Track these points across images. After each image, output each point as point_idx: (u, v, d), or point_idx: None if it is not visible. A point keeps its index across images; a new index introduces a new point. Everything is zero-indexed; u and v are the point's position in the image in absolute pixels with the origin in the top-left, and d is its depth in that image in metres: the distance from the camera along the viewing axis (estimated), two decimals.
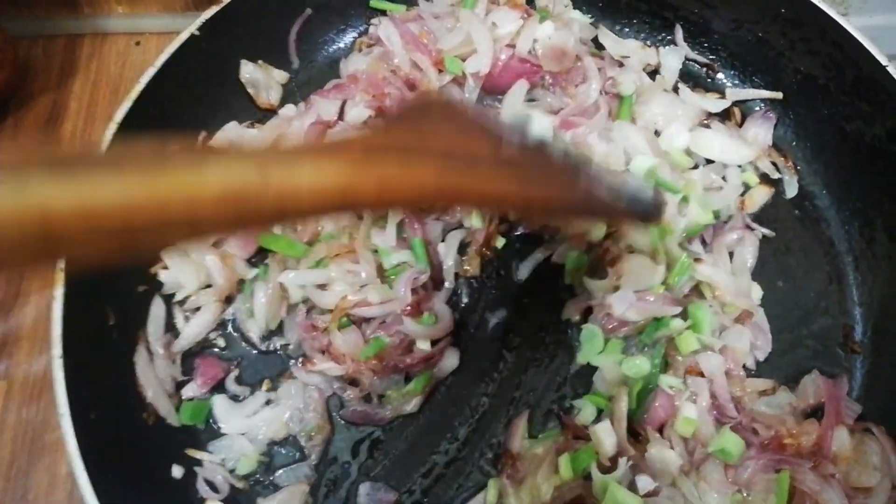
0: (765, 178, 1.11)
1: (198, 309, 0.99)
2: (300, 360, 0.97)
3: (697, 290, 1.00)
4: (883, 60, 0.99)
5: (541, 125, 0.78)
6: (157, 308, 0.97)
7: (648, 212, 0.73)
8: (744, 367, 0.96)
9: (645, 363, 0.92)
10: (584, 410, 0.93)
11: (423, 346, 0.95)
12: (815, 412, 0.93)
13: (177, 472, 0.88)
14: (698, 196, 1.03)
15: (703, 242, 1.04)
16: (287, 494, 0.88)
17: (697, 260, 1.00)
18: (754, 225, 1.06)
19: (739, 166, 1.10)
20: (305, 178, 0.52)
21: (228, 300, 1.01)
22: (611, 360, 0.94)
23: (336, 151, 0.56)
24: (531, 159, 0.65)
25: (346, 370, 0.93)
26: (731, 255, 1.04)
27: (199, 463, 0.90)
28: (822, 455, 0.88)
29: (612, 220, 0.81)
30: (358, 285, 0.97)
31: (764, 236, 1.06)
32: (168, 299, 0.99)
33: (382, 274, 0.98)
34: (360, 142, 0.60)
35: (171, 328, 0.98)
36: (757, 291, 1.02)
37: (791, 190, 1.11)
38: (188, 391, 0.94)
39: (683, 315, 0.95)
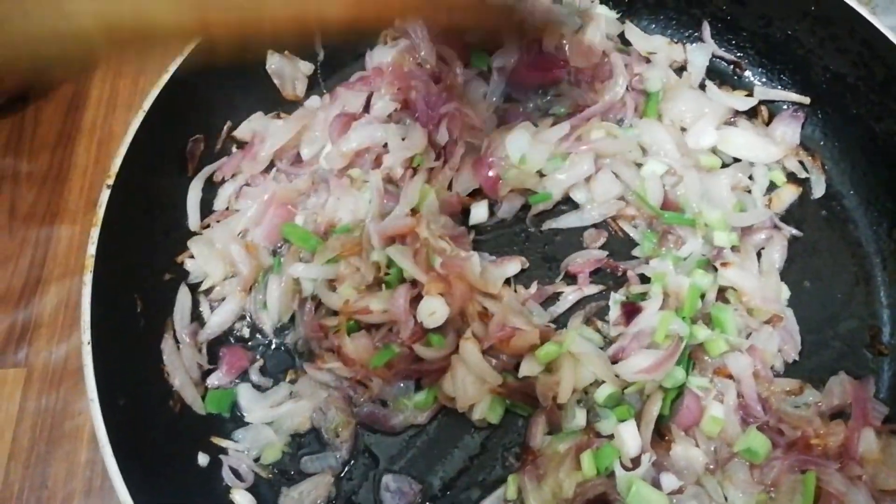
0: (792, 178, 1.10)
1: (223, 299, 0.99)
2: (307, 355, 0.96)
3: (722, 295, 0.98)
4: None
5: None
6: (184, 297, 0.97)
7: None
8: (771, 368, 0.96)
9: (680, 373, 0.91)
10: (608, 421, 0.91)
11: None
12: (842, 414, 0.92)
13: (202, 460, 0.88)
14: (719, 220, 1.01)
15: None
16: (311, 484, 0.88)
17: (724, 264, 0.99)
18: (782, 224, 1.05)
19: (766, 165, 1.09)
20: None
21: (252, 290, 1.00)
22: None
23: None
24: None
25: (355, 374, 0.92)
26: (758, 255, 1.03)
27: (224, 451, 0.90)
28: (848, 456, 0.87)
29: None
30: (364, 285, 0.96)
31: (792, 236, 1.05)
32: (194, 288, 0.99)
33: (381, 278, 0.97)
34: None
35: (196, 317, 0.98)
36: (784, 292, 1.01)
37: (818, 190, 1.10)
38: (213, 380, 0.93)
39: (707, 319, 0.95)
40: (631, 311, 0.95)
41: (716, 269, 0.99)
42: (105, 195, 0.88)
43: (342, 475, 0.91)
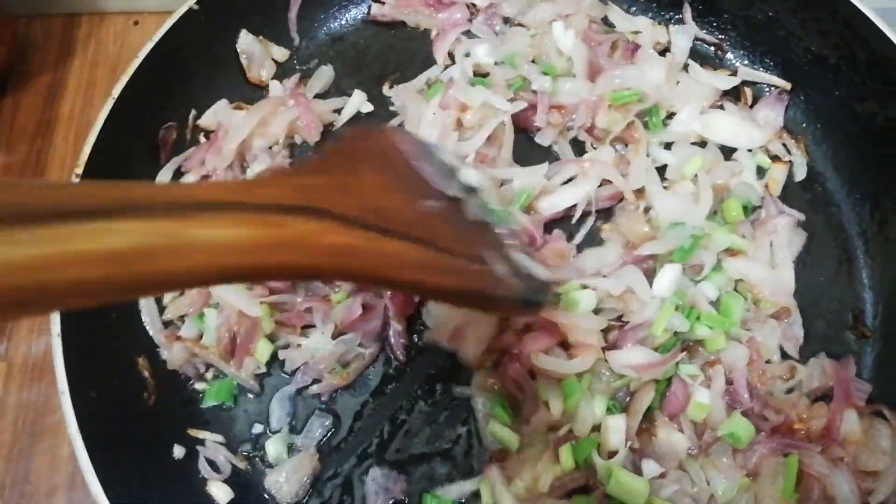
0: (776, 159, 1.09)
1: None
2: None
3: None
4: None
5: (471, 177, 0.75)
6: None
7: (538, 296, 0.70)
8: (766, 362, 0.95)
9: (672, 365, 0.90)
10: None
11: None
12: (825, 397, 0.92)
13: (178, 452, 0.87)
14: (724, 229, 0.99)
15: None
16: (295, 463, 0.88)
17: (734, 254, 0.98)
18: (784, 208, 1.04)
19: (749, 150, 1.08)
20: (221, 236, 0.45)
21: None
22: None
23: (251, 199, 0.49)
24: (449, 221, 0.62)
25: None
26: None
27: (201, 443, 0.89)
28: (830, 438, 0.87)
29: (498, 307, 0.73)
30: None
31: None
32: None
33: None
34: (279, 189, 0.52)
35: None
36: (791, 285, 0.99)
37: (801, 172, 1.08)
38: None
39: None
40: None
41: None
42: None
43: (324, 464, 0.90)
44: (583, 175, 1.03)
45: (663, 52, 1.15)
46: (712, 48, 1.18)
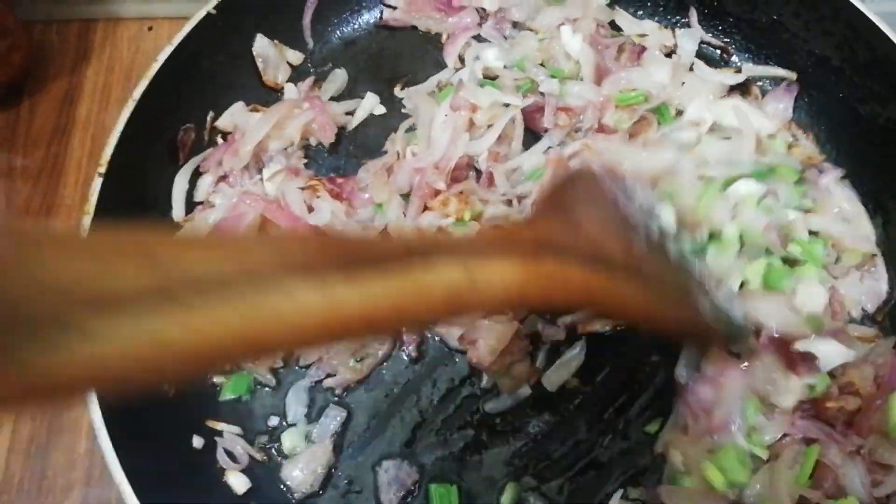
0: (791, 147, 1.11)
1: None
2: None
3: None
4: None
5: (668, 217, 0.76)
6: None
7: (736, 336, 0.76)
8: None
9: None
10: None
11: None
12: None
13: (197, 442, 0.89)
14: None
15: None
16: (309, 455, 0.90)
17: (808, 211, 1.00)
18: (822, 166, 1.06)
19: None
20: (497, 276, 0.53)
21: None
22: None
23: (511, 245, 0.57)
24: (656, 263, 0.67)
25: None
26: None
27: (219, 434, 0.91)
28: (858, 426, 0.87)
29: (700, 338, 0.80)
30: None
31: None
32: None
33: None
34: (528, 234, 0.61)
35: None
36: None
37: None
38: None
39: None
40: None
41: None
42: (97, 183, 0.89)
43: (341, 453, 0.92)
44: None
45: (669, 54, 1.17)
46: (718, 51, 1.20)
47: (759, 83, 1.16)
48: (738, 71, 1.16)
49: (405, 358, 0.97)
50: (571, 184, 0.71)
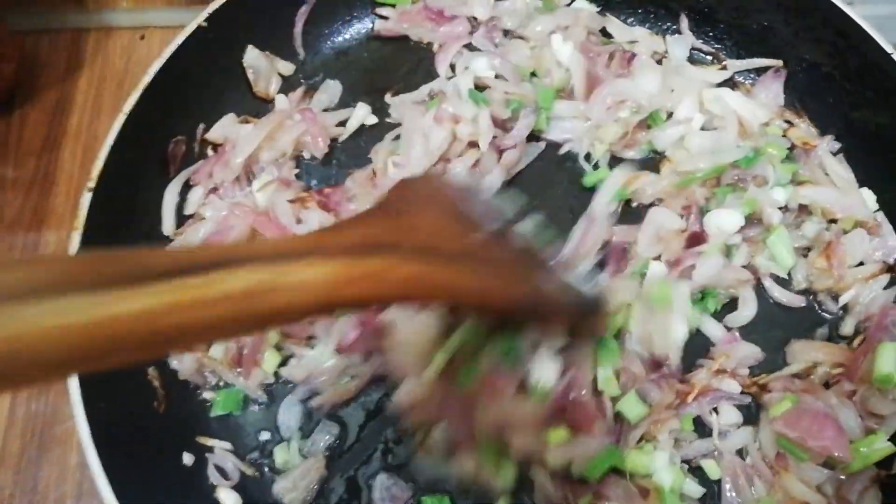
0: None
1: None
2: None
3: (806, 211, 1.02)
4: (888, 48, 1.00)
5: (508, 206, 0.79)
6: None
7: (592, 308, 0.77)
8: None
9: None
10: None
11: None
12: None
13: (188, 459, 0.88)
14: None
15: None
16: (303, 470, 0.89)
17: (801, 183, 1.02)
18: (816, 140, 1.08)
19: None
20: (309, 276, 0.54)
21: None
22: None
23: (330, 246, 0.58)
24: (496, 249, 0.69)
25: None
26: None
27: (210, 450, 0.90)
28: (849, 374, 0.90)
29: (555, 321, 0.78)
30: None
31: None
32: None
33: None
34: (351, 235, 0.61)
35: None
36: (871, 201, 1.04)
37: None
38: None
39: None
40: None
41: None
42: (86, 199, 0.88)
43: (332, 470, 0.91)
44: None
45: (660, 61, 1.17)
46: (709, 57, 1.20)
47: (748, 80, 1.17)
48: (724, 68, 1.17)
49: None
50: (411, 186, 0.74)
